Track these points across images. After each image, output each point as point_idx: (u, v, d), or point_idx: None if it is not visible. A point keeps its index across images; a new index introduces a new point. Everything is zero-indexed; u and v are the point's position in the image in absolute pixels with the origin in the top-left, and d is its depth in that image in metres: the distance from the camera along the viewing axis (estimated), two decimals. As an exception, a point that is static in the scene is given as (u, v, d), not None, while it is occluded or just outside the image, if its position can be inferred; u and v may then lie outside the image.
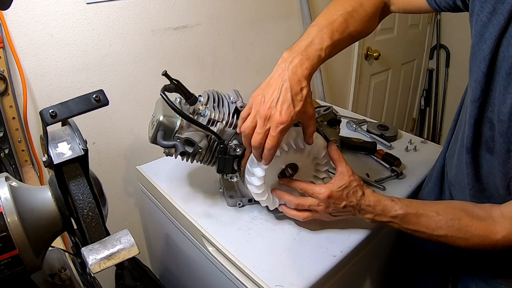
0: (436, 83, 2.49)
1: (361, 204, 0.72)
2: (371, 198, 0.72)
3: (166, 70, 0.73)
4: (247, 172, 0.77)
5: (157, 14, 1.08)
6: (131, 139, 1.15)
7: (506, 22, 0.57)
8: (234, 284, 0.76)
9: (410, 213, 0.69)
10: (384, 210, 0.70)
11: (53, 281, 0.60)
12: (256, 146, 0.65)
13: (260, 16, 1.34)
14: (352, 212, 0.74)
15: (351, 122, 1.27)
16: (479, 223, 0.65)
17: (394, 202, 0.71)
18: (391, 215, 0.70)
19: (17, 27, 0.87)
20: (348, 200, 0.72)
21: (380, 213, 0.71)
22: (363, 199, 0.72)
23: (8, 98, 0.89)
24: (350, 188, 0.72)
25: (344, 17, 0.71)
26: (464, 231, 0.65)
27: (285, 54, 0.67)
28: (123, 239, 0.48)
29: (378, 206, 0.71)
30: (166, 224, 0.99)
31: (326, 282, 0.74)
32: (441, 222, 0.67)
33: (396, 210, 0.69)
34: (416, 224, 0.69)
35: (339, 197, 0.72)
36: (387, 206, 0.70)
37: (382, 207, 0.71)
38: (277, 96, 0.64)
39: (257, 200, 0.80)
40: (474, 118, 0.66)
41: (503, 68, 0.59)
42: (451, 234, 0.66)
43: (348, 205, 0.72)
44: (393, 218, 0.70)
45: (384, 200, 0.71)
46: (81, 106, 0.50)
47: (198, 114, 0.79)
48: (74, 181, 0.48)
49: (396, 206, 0.70)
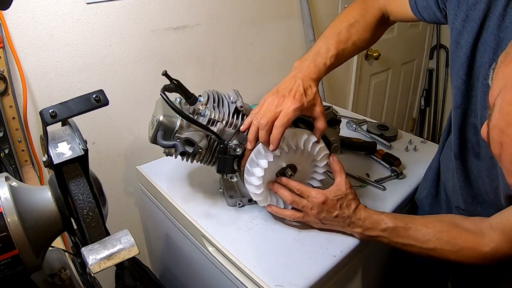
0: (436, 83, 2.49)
1: (352, 217, 0.74)
2: (362, 212, 0.74)
3: (166, 70, 0.73)
4: (247, 172, 0.77)
5: (157, 14, 1.08)
6: (131, 139, 1.15)
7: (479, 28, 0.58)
8: (234, 284, 0.76)
9: (399, 226, 0.71)
10: (374, 223, 0.72)
11: (53, 281, 0.60)
12: (263, 124, 0.67)
13: (260, 16, 1.34)
14: (342, 225, 0.76)
15: (351, 122, 1.27)
16: (468, 235, 0.66)
17: (383, 215, 0.73)
18: (380, 228, 0.72)
19: (17, 27, 0.87)
20: (341, 210, 0.74)
21: (370, 227, 0.73)
22: (356, 213, 0.74)
23: (8, 98, 0.89)
24: (345, 200, 0.74)
25: (347, 28, 0.78)
26: (453, 244, 0.66)
27: (296, 63, 0.75)
28: (123, 239, 0.48)
29: (368, 220, 0.73)
30: (166, 224, 0.99)
31: (326, 282, 0.74)
32: (430, 235, 0.68)
33: (386, 223, 0.71)
34: (406, 237, 0.70)
35: (333, 206, 0.74)
36: (377, 219, 0.72)
37: (372, 221, 0.73)
38: (290, 88, 0.69)
39: (255, 200, 0.80)
40: (458, 124, 0.68)
41: (481, 73, 0.60)
42: (440, 246, 0.67)
43: (340, 215, 0.74)
44: (383, 232, 0.72)
45: (374, 214, 0.74)
46: (81, 106, 0.50)
47: (198, 114, 0.79)
48: (74, 181, 0.49)
49: (386, 219, 0.72)
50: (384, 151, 1.09)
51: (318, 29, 1.55)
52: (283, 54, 1.48)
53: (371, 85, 2.08)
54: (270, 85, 1.47)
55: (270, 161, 0.74)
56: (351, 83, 1.90)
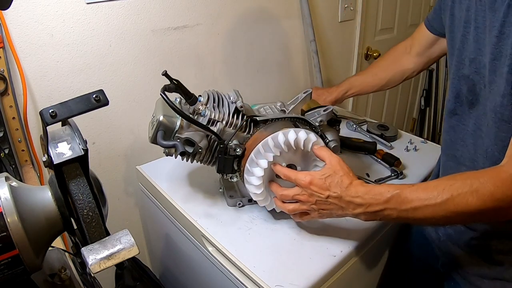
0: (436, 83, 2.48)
1: (346, 195, 0.66)
2: (359, 188, 0.66)
3: (166, 70, 0.73)
4: (247, 172, 0.77)
5: (157, 14, 1.08)
6: (131, 139, 1.15)
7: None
8: (234, 284, 0.76)
9: (404, 189, 0.62)
10: (375, 196, 0.64)
11: (53, 281, 0.60)
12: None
13: (260, 16, 1.34)
14: (339, 206, 0.68)
15: (351, 122, 1.27)
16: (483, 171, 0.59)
17: (385, 186, 0.65)
18: (384, 199, 0.62)
19: (17, 27, 0.87)
20: (331, 190, 0.67)
21: (371, 202, 0.64)
22: (349, 190, 0.66)
23: (8, 98, 0.89)
24: (334, 177, 0.67)
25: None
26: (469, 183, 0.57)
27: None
28: (123, 239, 0.48)
29: (368, 194, 0.64)
30: (166, 224, 0.99)
31: (326, 282, 0.74)
32: (441, 186, 0.59)
33: (389, 191, 0.62)
34: (415, 199, 0.60)
35: (321, 186, 0.67)
36: (379, 191, 0.64)
37: (372, 195, 0.64)
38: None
39: (255, 200, 0.80)
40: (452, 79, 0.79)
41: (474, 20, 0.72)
42: (456, 192, 0.57)
43: (331, 196, 0.67)
44: (387, 203, 0.62)
45: (375, 187, 0.66)
46: (81, 106, 0.50)
47: (198, 114, 0.79)
48: (74, 181, 0.48)
49: (388, 187, 0.63)
50: (384, 151, 1.09)
51: (318, 29, 1.55)
52: (283, 54, 1.48)
53: (371, 85, 2.07)
54: (270, 85, 1.49)
55: (270, 161, 0.74)
56: (351, 83, 1.89)
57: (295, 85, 1.60)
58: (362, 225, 0.83)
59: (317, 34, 1.52)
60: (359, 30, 1.75)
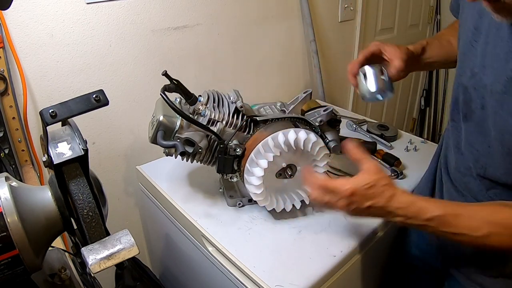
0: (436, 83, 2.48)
1: (389, 206, 0.63)
2: (402, 199, 0.63)
3: (166, 70, 0.73)
4: (247, 172, 0.77)
5: (157, 14, 1.08)
6: (131, 139, 1.15)
7: None
8: (234, 284, 0.76)
9: (448, 213, 0.61)
10: (419, 212, 0.62)
11: (53, 281, 0.60)
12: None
13: (260, 16, 1.34)
14: (378, 214, 0.66)
15: (351, 122, 1.27)
16: None
17: (428, 203, 0.63)
18: (426, 217, 0.62)
19: (17, 27, 0.87)
20: (374, 200, 0.63)
21: (412, 216, 0.63)
22: (393, 201, 0.63)
23: (8, 98, 0.89)
24: (377, 187, 0.63)
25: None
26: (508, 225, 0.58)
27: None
28: (123, 239, 0.48)
29: (411, 207, 0.62)
30: (166, 224, 0.99)
31: (326, 282, 0.74)
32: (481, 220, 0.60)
33: (433, 211, 0.61)
34: (455, 226, 0.61)
35: (364, 196, 0.63)
36: (422, 208, 0.62)
37: (416, 209, 0.62)
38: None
39: (255, 200, 0.80)
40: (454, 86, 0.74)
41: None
42: (495, 230, 0.59)
43: (373, 206, 0.63)
44: (428, 221, 0.62)
45: (418, 201, 0.63)
46: (81, 106, 0.50)
47: (198, 114, 0.79)
48: (74, 181, 0.48)
49: (431, 207, 0.62)
50: (384, 151, 1.09)
51: (318, 29, 1.55)
52: (283, 54, 1.48)
53: (371, 85, 2.07)
54: (270, 85, 1.49)
55: (270, 161, 0.74)
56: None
57: (295, 85, 1.60)
58: (362, 225, 0.84)
59: (317, 34, 1.52)
60: (359, 30, 1.75)
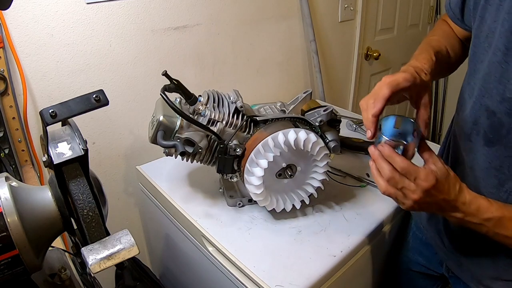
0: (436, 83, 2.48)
1: (457, 200, 0.60)
2: (467, 194, 0.61)
3: (166, 70, 0.73)
4: (247, 172, 0.77)
5: (157, 14, 1.08)
6: (131, 139, 1.15)
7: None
8: (234, 284, 0.76)
9: (506, 216, 0.60)
10: (479, 210, 0.60)
11: (53, 281, 0.60)
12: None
13: (260, 16, 1.34)
14: (441, 208, 0.62)
15: (351, 122, 1.27)
16: None
17: (489, 202, 0.60)
18: (485, 217, 0.60)
19: (17, 27, 0.87)
20: (448, 193, 0.60)
21: (473, 213, 0.60)
22: (461, 195, 0.60)
23: (8, 98, 0.89)
24: (451, 178, 0.60)
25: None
26: None
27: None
28: (123, 239, 0.48)
29: (473, 204, 0.60)
30: (166, 224, 0.99)
31: (326, 282, 0.74)
32: None
33: (492, 212, 0.59)
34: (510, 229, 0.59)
35: (441, 189, 0.59)
36: (483, 205, 0.60)
37: (476, 207, 0.60)
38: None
39: (255, 200, 0.80)
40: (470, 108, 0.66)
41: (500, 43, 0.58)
42: None
43: (445, 199, 0.60)
44: (486, 221, 0.60)
45: (480, 199, 0.61)
46: (81, 106, 0.50)
47: (198, 114, 0.79)
48: (74, 181, 0.48)
49: (492, 207, 0.60)
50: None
51: (318, 29, 1.55)
52: (283, 54, 1.49)
53: (371, 85, 2.08)
54: (270, 85, 1.49)
55: (270, 161, 0.74)
56: (351, 83, 1.90)
57: (295, 85, 1.60)
58: (362, 225, 0.84)
59: (317, 34, 1.52)
60: (359, 30, 1.75)
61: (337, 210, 0.88)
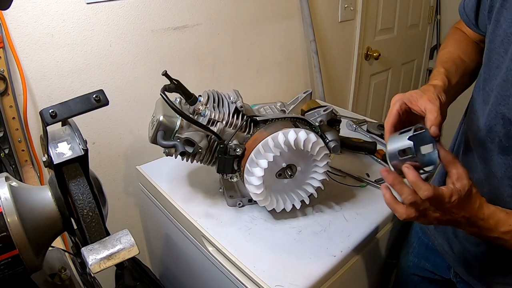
0: (436, 83, 2.48)
1: (476, 217, 0.58)
2: (486, 209, 0.58)
3: (166, 70, 0.73)
4: (247, 172, 0.77)
5: (157, 14, 1.08)
6: (131, 139, 1.15)
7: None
8: (234, 284, 0.76)
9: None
10: (497, 225, 0.58)
11: (53, 281, 0.60)
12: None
13: (260, 16, 1.34)
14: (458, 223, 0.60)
15: (351, 122, 1.27)
16: None
17: (508, 215, 0.58)
18: (503, 230, 0.57)
19: (17, 27, 0.87)
20: (467, 210, 0.57)
21: (491, 228, 0.58)
22: (480, 211, 0.58)
23: (8, 98, 0.89)
24: (471, 196, 0.57)
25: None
26: None
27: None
28: (123, 239, 0.48)
29: (491, 219, 0.58)
30: (166, 224, 0.99)
31: (326, 282, 0.74)
32: None
33: (511, 225, 0.57)
34: None
35: (461, 206, 0.57)
36: (501, 219, 0.58)
37: (495, 222, 0.58)
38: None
39: (255, 200, 0.80)
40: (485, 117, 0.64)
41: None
42: None
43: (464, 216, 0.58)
44: (504, 234, 0.58)
45: (498, 212, 0.58)
46: (81, 106, 0.50)
47: (198, 114, 0.79)
48: (74, 181, 0.48)
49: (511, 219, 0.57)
50: (384, 151, 1.09)
51: (318, 29, 1.55)
52: (283, 54, 1.49)
53: (371, 85, 2.08)
54: (270, 85, 1.49)
55: (270, 161, 0.74)
56: (351, 83, 1.90)
57: (295, 85, 1.60)
58: (362, 225, 0.83)
59: (317, 34, 1.52)
60: (359, 30, 1.75)
61: (337, 210, 0.88)
